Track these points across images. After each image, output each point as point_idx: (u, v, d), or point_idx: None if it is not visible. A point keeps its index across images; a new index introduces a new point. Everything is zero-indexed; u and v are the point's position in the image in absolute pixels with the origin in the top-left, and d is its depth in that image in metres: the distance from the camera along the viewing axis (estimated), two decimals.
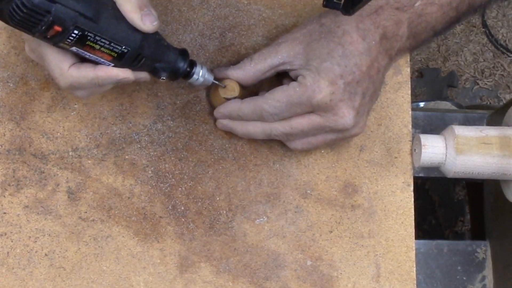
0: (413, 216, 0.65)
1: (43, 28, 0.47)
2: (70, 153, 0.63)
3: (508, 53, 1.67)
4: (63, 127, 0.63)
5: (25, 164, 0.62)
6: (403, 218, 0.65)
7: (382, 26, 0.58)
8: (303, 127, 0.58)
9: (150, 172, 0.63)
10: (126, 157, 0.63)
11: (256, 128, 0.60)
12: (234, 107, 0.61)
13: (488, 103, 1.66)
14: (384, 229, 0.65)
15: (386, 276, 0.64)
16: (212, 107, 0.64)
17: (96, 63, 0.53)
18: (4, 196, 0.61)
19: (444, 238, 1.26)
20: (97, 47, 0.51)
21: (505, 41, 1.69)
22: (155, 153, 0.63)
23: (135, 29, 0.52)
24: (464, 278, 0.80)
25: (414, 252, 0.64)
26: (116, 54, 0.52)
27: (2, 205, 0.61)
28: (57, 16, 0.47)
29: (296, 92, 0.57)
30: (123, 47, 0.52)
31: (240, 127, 0.62)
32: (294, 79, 0.59)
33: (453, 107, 1.22)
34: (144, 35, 0.53)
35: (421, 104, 1.21)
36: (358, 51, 0.57)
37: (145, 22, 0.52)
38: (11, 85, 0.63)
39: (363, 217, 0.64)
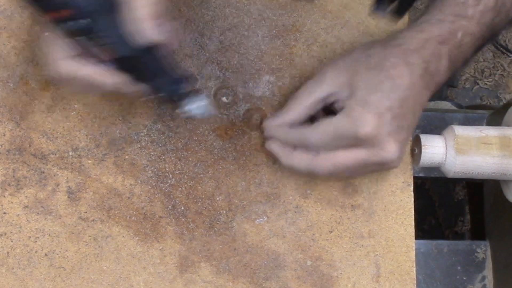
0: (413, 216, 0.65)
1: (52, 7, 0.47)
2: (70, 153, 0.63)
3: (508, 53, 1.67)
4: (63, 127, 0.63)
5: (25, 164, 0.62)
6: (403, 218, 0.65)
7: (426, 61, 0.57)
8: (347, 164, 0.57)
9: (150, 172, 0.63)
10: (126, 157, 0.63)
11: (300, 163, 0.59)
12: (283, 131, 0.61)
13: (488, 103, 1.66)
14: (384, 229, 0.64)
15: (386, 276, 0.64)
16: None
17: (95, 60, 0.52)
18: (4, 196, 0.61)
19: (444, 238, 1.26)
20: (101, 42, 0.50)
21: (505, 41, 1.69)
22: (155, 153, 0.63)
23: (143, 36, 0.51)
24: (464, 278, 0.80)
25: (414, 252, 0.64)
26: (117, 56, 0.51)
27: (2, 205, 0.61)
28: None
29: (343, 125, 0.56)
30: (126, 51, 0.51)
31: (285, 158, 0.61)
32: (338, 110, 0.58)
33: (453, 107, 1.22)
34: (151, 45, 0.51)
35: None
36: (405, 85, 0.56)
37: (154, 31, 0.50)
38: (11, 85, 0.63)
39: (363, 217, 0.64)
